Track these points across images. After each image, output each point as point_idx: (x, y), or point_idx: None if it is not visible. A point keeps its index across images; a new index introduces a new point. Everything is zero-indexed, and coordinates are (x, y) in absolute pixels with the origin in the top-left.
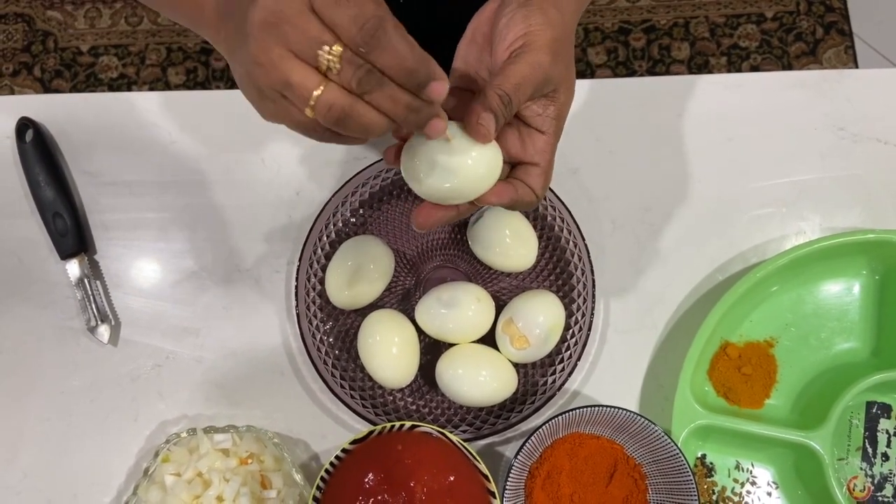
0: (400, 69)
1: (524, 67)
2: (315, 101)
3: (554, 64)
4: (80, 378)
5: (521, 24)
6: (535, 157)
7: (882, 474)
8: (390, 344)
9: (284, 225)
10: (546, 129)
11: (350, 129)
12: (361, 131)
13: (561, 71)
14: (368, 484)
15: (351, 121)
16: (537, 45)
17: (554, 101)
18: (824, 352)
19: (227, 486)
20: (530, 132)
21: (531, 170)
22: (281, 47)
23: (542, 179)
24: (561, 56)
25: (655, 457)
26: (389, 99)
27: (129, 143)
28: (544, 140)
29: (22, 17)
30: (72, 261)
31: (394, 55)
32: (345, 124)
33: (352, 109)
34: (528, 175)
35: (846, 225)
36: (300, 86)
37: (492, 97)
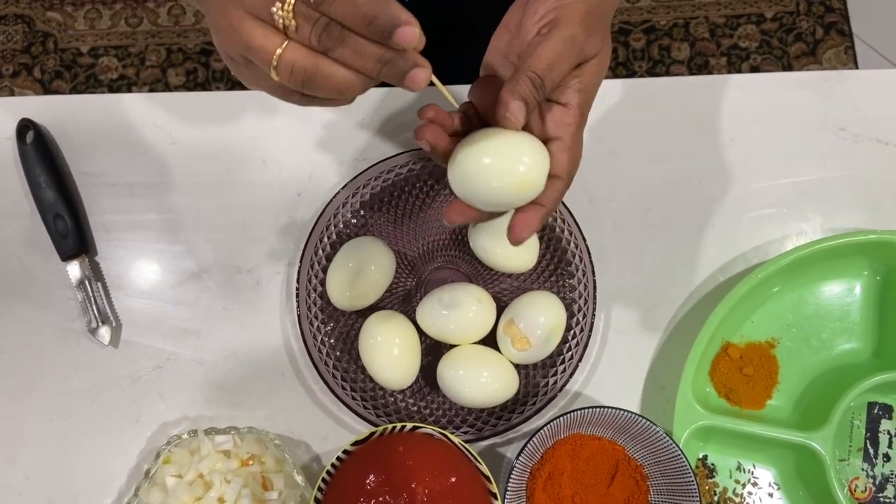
0: (357, 18)
1: (557, 44)
2: (276, 62)
3: (588, 38)
4: (81, 379)
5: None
6: (555, 132)
7: (883, 475)
8: (391, 345)
9: (285, 226)
10: (568, 100)
11: (320, 89)
12: (334, 91)
13: (596, 43)
14: (370, 485)
15: (318, 81)
16: (569, 18)
17: (580, 72)
18: (826, 352)
19: (228, 488)
20: (551, 106)
21: (553, 148)
22: (239, 10)
23: (565, 156)
24: (595, 29)
25: (657, 458)
26: (355, 53)
27: (130, 145)
28: (564, 112)
29: (22, 18)
30: (72, 262)
31: (346, 3)
32: (313, 85)
33: (316, 69)
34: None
35: (847, 225)
36: (260, 48)
37: (522, 81)
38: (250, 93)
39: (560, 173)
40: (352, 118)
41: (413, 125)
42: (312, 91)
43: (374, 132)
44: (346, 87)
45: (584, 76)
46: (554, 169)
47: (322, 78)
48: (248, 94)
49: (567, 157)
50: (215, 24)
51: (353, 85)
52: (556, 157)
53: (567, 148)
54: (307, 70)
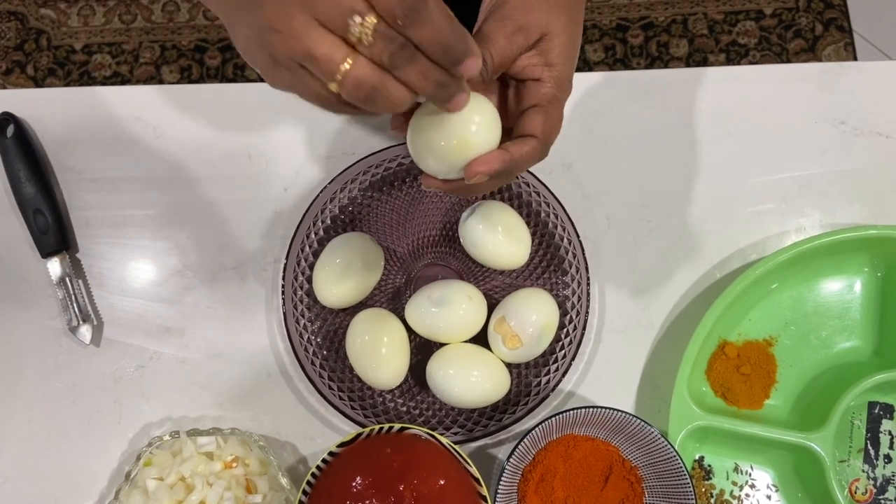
0: (437, 44)
1: (491, 23)
2: (343, 77)
3: (526, 12)
4: (62, 379)
5: None
6: (531, 101)
7: (885, 476)
8: (379, 344)
9: (271, 222)
10: (539, 76)
11: (375, 105)
12: (387, 107)
13: (540, 17)
14: (356, 488)
15: (378, 97)
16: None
17: (539, 49)
18: (825, 351)
19: (210, 491)
20: (525, 84)
21: (528, 111)
22: (305, 14)
23: (541, 117)
24: (536, 4)
25: (652, 459)
26: (420, 75)
27: (113, 139)
28: (540, 84)
29: (15, 14)
30: (53, 259)
31: (433, 30)
32: (371, 100)
33: (381, 86)
34: (525, 120)
35: (847, 221)
36: (326, 59)
37: None
38: (236, 86)
39: (535, 132)
40: None
41: None
42: (370, 106)
43: (363, 127)
44: (400, 103)
45: (549, 52)
46: (529, 128)
47: (384, 95)
48: (234, 87)
49: (542, 118)
50: (271, 24)
51: (406, 102)
52: (532, 118)
53: (542, 111)
54: (373, 86)
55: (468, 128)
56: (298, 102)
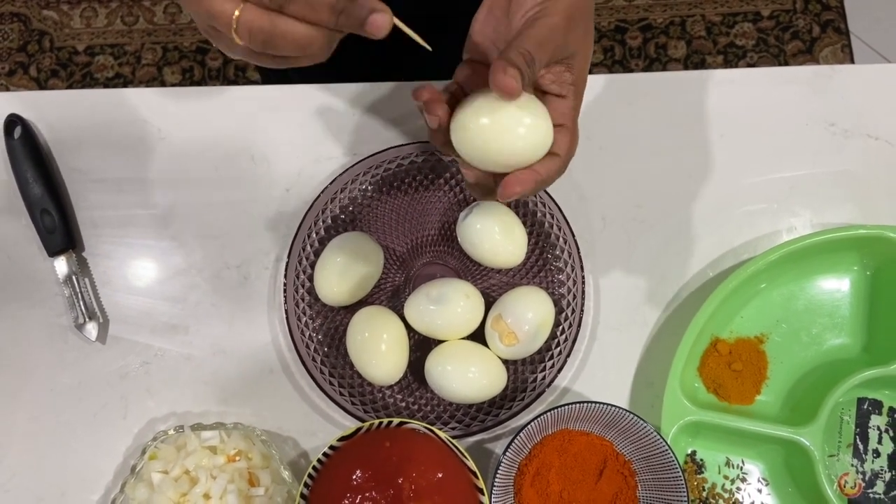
0: (323, 5)
1: (542, 30)
2: (236, 26)
3: (570, 30)
4: (69, 376)
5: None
6: (559, 119)
7: (873, 471)
8: (379, 341)
9: (273, 222)
10: (565, 93)
11: (281, 48)
12: (296, 48)
13: (578, 37)
14: (356, 481)
15: (277, 39)
16: (554, 9)
17: (571, 68)
18: (815, 348)
19: (214, 484)
20: (550, 98)
21: (557, 130)
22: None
23: (567, 139)
24: (577, 23)
25: (645, 453)
26: (307, 6)
27: (118, 140)
28: (565, 103)
29: (18, 16)
30: (60, 258)
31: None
32: (273, 44)
33: (273, 27)
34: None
35: (837, 221)
36: (220, 13)
37: (514, 54)
38: (239, 88)
39: (560, 152)
40: (341, 114)
41: (402, 121)
42: (274, 50)
43: (364, 128)
44: (306, 42)
45: (575, 69)
46: (555, 147)
47: (280, 35)
48: (237, 89)
49: (569, 139)
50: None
51: (313, 39)
52: (560, 139)
53: (569, 131)
54: (264, 29)
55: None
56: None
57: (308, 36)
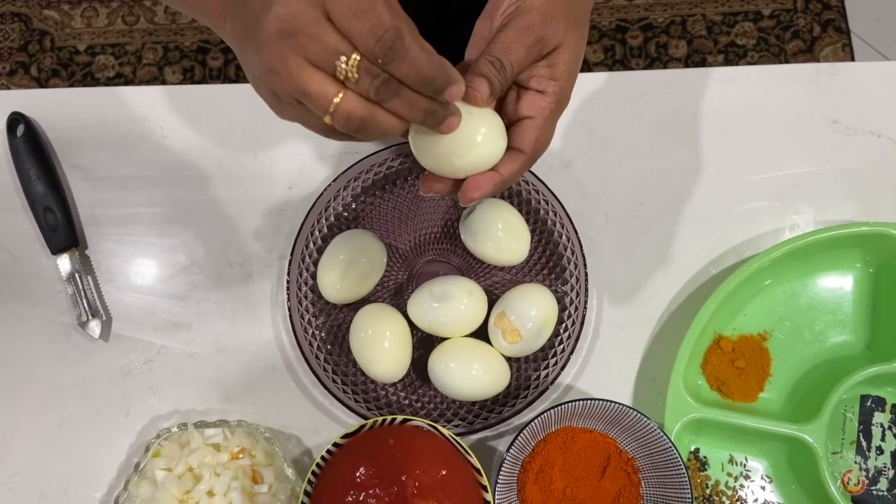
0: (418, 78)
1: (511, 32)
2: (334, 110)
3: (546, 24)
4: (72, 373)
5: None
6: (529, 112)
7: (877, 468)
8: (382, 338)
9: (276, 219)
10: (544, 87)
11: (368, 134)
12: (379, 136)
13: (557, 31)
14: (360, 478)
15: (369, 127)
16: (527, 7)
17: (551, 61)
18: (818, 345)
19: (217, 481)
20: (527, 92)
21: (523, 123)
22: (298, 56)
23: (534, 133)
24: (557, 17)
25: (648, 451)
26: (407, 105)
27: (121, 138)
28: (541, 97)
29: (18, 16)
30: (63, 255)
31: (411, 65)
32: (363, 131)
33: (370, 117)
34: (518, 132)
35: (840, 218)
36: (318, 95)
37: (482, 63)
38: (241, 87)
39: (524, 148)
40: None
41: None
42: (362, 136)
43: None
44: (391, 132)
45: (557, 65)
46: (519, 142)
47: (374, 125)
48: (239, 87)
49: (535, 135)
50: (269, 66)
51: (397, 130)
52: (525, 132)
53: (538, 127)
54: (363, 118)
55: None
56: None
57: (395, 127)
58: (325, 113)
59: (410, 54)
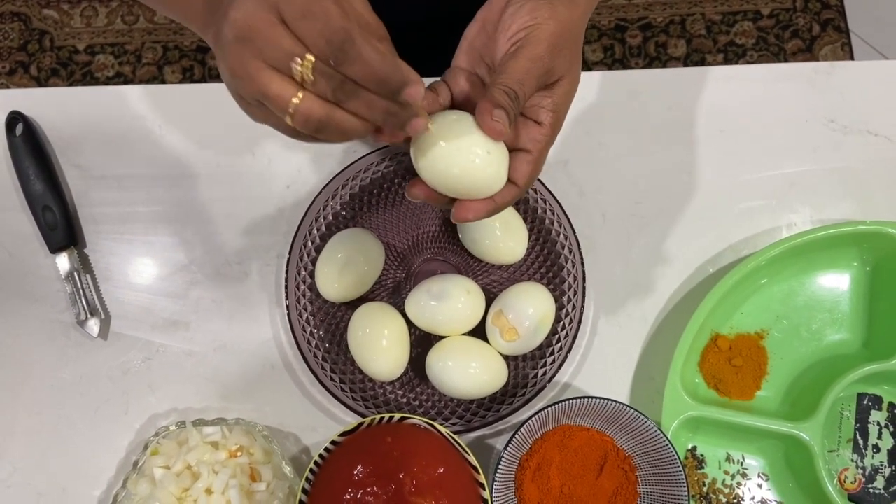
0: (372, 79)
1: (524, 63)
2: (293, 111)
3: (554, 57)
4: (70, 371)
5: (527, 17)
6: (526, 144)
7: (873, 466)
8: (380, 336)
9: (274, 218)
10: (542, 119)
11: (330, 135)
12: (341, 136)
13: (563, 64)
14: (357, 476)
15: (330, 128)
16: (537, 38)
17: (552, 93)
18: (815, 343)
19: (216, 479)
20: (526, 122)
21: (520, 156)
22: (257, 60)
23: (529, 168)
24: (563, 50)
25: (645, 448)
26: (366, 105)
27: (119, 137)
28: (539, 130)
29: (18, 15)
30: (61, 254)
31: (363, 66)
32: (325, 131)
33: (329, 118)
34: (514, 167)
35: (837, 217)
36: (278, 97)
37: (498, 93)
38: None
39: (518, 181)
40: None
41: None
42: (323, 136)
43: None
44: (353, 132)
45: (556, 96)
46: (514, 175)
47: (334, 126)
48: None
49: (530, 169)
50: (231, 69)
51: (359, 130)
52: (521, 167)
53: (533, 161)
54: (321, 119)
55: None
56: None
57: (356, 127)
58: (285, 114)
59: (361, 55)
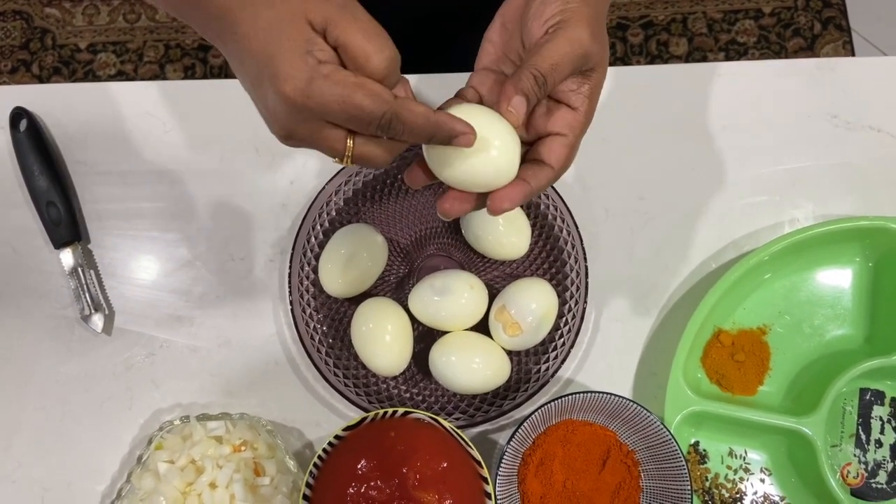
0: (422, 140)
1: (563, 44)
2: (351, 156)
3: (593, 41)
4: (75, 367)
5: (559, 3)
6: (563, 129)
7: (876, 461)
8: (384, 332)
9: (278, 214)
10: (578, 105)
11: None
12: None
13: (599, 49)
14: (361, 470)
15: (381, 158)
16: (576, 20)
17: (589, 79)
18: (817, 339)
19: (220, 473)
20: (560, 107)
21: (556, 139)
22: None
23: (566, 151)
24: (598, 34)
25: (648, 443)
26: (411, 135)
27: (123, 133)
28: (575, 116)
29: (20, 14)
30: (65, 250)
31: (411, 134)
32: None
33: (379, 149)
34: (548, 146)
35: (840, 212)
36: (333, 149)
37: (525, 78)
38: None
39: (554, 164)
40: None
41: None
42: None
43: None
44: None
45: (592, 83)
46: (548, 157)
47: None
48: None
49: (566, 153)
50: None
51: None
52: (557, 149)
53: (569, 145)
54: (374, 154)
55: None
56: None
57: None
58: (343, 159)
59: (407, 126)
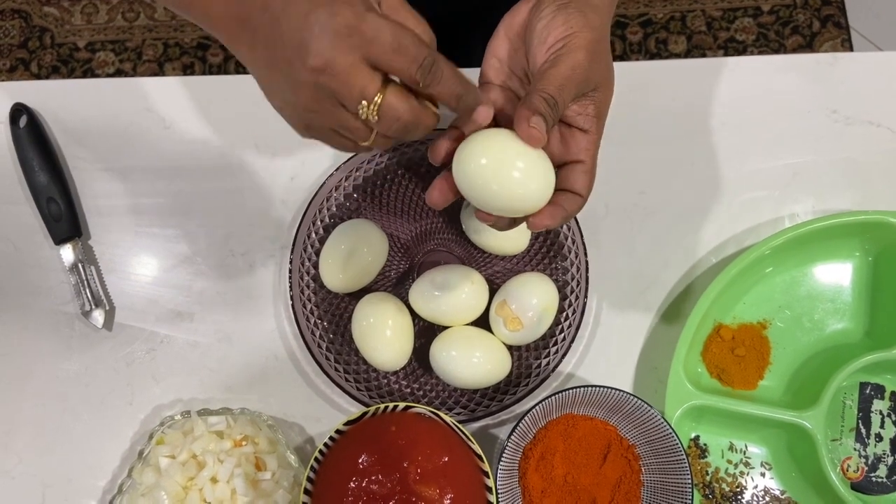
0: (452, 95)
1: (564, 70)
2: (380, 106)
3: (592, 64)
4: (75, 363)
5: (562, 27)
6: (579, 155)
7: (876, 455)
8: (384, 327)
9: (278, 210)
10: (588, 127)
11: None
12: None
13: (601, 71)
14: (362, 465)
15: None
16: (576, 46)
17: (593, 99)
18: (817, 333)
19: (221, 468)
20: (572, 132)
21: (576, 168)
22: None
23: (587, 178)
24: (599, 56)
25: (649, 437)
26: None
27: (123, 129)
28: (587, 138)
29: (19, 13)
30: (66, 246)
31: (446, 86)
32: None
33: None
34: (572, 176)
35: (839, 207)
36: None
37: (537, 100)
38: (243, 79)
39: (582, 192)
40: None
41: None
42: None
43: None
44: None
45: (598, 102)
46: (577, 187)
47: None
48: (241, 80)
49: (588, 178)
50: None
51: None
52: (580, 178)
53: (588, 170)
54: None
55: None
56: None
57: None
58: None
59: (445, 76)
